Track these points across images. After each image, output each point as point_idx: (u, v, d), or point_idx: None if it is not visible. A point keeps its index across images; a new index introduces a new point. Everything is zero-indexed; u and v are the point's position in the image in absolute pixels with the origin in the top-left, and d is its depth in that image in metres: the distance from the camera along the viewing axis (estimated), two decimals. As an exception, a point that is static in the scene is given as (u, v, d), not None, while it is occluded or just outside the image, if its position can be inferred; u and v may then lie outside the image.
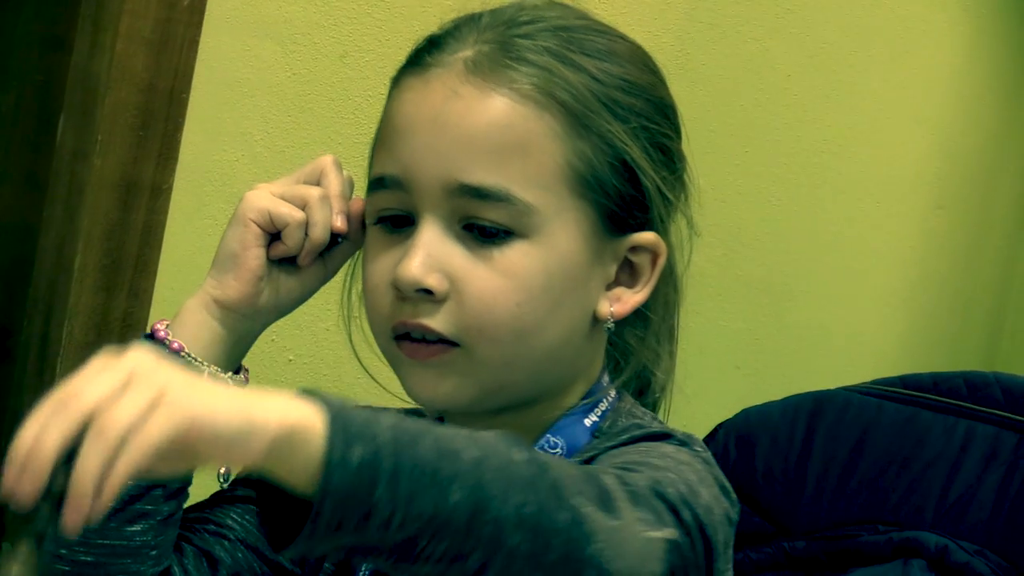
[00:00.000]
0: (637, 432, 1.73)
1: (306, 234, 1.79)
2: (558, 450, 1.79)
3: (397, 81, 1.81)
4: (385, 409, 1.75)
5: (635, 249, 1.77)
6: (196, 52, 2.44)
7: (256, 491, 1.64)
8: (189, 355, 1.79)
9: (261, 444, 1.29)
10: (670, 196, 1.80)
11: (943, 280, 3.15)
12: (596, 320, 1.77)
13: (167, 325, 1.83)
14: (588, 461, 1.67)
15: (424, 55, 1.79)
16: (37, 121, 2.48)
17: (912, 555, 2.10)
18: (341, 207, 1.79)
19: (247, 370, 1.85)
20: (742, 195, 2.83)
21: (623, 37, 1.83)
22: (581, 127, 1.73)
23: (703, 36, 2.74)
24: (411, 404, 1.84)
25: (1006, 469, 2.11)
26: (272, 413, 1.30)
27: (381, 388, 1.87)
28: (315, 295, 1.93)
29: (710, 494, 1.59)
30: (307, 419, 1.31)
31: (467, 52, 1.75)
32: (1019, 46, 3.14)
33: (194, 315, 1.80)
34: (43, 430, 1.23)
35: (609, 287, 1.77)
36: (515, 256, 1.71)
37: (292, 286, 1.82)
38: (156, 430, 1.24)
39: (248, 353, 1.90)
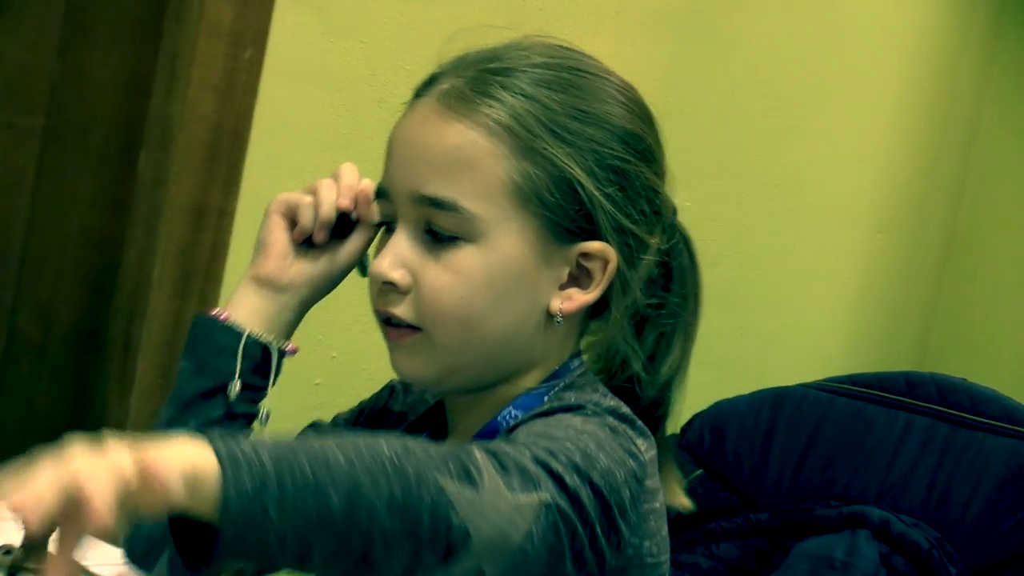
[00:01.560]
0: (556, 404, 1.73)
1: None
2: (513, 415, 1.81)
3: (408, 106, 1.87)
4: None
5: (586, 255, 1.77)
6: (256, 97, 2.47)
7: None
8: (234, 323, 1.85)
9: (171, 496, 1.33)
10: (614, 211, 1.79)
11: (881, 293, 3.16)
12: (550, 315, 1.78)
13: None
14: (511, 430, 1.68)
15: (420, 88, 1.83)
16: (122, 155, 2.50)
17: (859, 526, 2.13)
18: (347, 190, 1.84)
19: (295, 348, 1.88)
20: (714, 221, 2.81)
21: (597, 73, 1.84)
22: (527, 149, 1.73)
23: (682, 85, 2.73)
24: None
25: (939, 455, 2.14)
26: (173, 464, 1.34)
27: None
28: (358, 300, 1.97)
29: (611, 458, 1.61)
30: (203, 462, 1.36)
31: (444, 86, 1.77)
32: (949, 96, 3.15)
33: (239, 291, 1.86)
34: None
35: (563, 287, 1.77)
36: (461, 257, 1.73)
37: (318, 262, 1.86)
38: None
39: (297, 360, 1.95)
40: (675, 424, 2.25)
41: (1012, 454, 2.12)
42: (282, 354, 1.89)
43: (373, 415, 2.03)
